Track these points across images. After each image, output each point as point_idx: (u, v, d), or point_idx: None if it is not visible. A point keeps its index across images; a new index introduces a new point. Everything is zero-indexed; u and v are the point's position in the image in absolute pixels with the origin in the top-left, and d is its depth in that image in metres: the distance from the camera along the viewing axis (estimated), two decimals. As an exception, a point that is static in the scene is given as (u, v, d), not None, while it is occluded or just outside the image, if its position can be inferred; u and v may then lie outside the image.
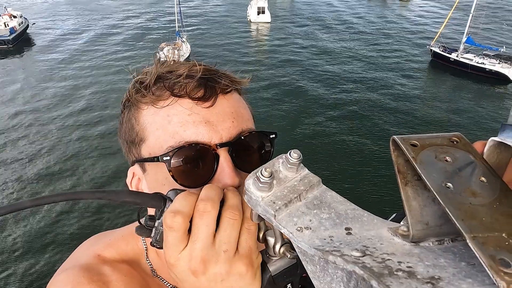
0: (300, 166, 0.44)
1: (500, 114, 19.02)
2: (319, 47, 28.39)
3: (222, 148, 0.59)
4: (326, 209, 0.40)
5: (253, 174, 0.43)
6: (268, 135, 0.65)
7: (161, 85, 0.62)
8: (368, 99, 20.34)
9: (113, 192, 0.46)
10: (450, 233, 0.33)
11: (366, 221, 0.38)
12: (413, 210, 0.33)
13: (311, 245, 0.35)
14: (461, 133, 0.36)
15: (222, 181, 0.57)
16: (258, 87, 21.40)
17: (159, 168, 0.60)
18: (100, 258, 0.68)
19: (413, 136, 0.35)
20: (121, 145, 0.69)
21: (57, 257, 10.95)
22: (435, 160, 0.33)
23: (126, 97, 0.67)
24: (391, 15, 37.37)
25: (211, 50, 28.08)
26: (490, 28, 32.03)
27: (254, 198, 0.42)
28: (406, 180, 0.34)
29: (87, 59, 26.07)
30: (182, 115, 0.60)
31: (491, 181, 0.32)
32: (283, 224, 0.39)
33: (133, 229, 0.73)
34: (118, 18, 35.39)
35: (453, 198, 0.30)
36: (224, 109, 0.62)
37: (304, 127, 17.48)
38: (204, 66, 0.65)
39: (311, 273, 0.37)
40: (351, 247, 0.33)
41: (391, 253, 0.32)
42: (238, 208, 0.47)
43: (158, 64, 0.65)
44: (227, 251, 0.45)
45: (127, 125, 0.66)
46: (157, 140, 0.60)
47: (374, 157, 15.14)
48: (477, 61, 23.11)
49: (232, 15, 37.09)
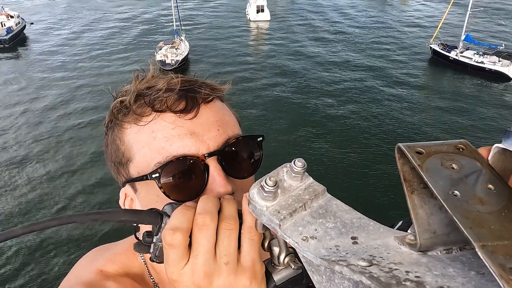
0: (305, 174, 0.44)
1: (499, 113, 19.00)
2: (318, 45, 28.35)
3: (211, 158, 0.59)
4: (331, 218, 0.40)
5: (258, 183, 0.42)
6: (256, 139, 0.65)
7: (141, 102, 0.61)
8: (368, 97, 20.32)
9: (108, 213, 0.46)
10: (458, 242, 0.33)
11: (372, 230, 0.38)
12: (420, 219, 0.33)
13: (317, 255, 0.35)
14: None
15: (215, 191, 0.57)
16: (257, 86, 21.39)
17: (150, 186, 0.60)
18: (103, 274, 0.67)
19: (419, 143, 0.34)
20: (109, 168, 0.68)
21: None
22: (441, 168, 0.32)
23: (108, 118, 0.67)
24: (391, 12, 37.33)
25: (210, 48, 28.04)
26: (489, 26, 32.02)
27: (259, 208, 0.42)
28: (412, 188, 0.34)
29: (84, 59, 26.04)
30: (166, 130, 0.59)
31: (499, 188, 0.32)
32: (288, 234, 0.39)
33: (133, 242, 0.73)
34: (115, 18, 35.31)
35: (461, 206, 0.29)
36: (208, 119, 0.61)
37: (303, 129, 17.42)
38: (182, 78, 0.64)
39: (317, 283, 0.36)
40: (358, 257, 0.33)
41: (398, 262, 0.31)
42: (233, 217, 0.47)
43: (136, 81, 0.65)
44: (228, 263, 0.45)
45: (112, 147, 0.65)
46: (144, 158, 0.60)
47: (377, 159, 15.06)
48: (476, 60, 23.08)
49: (231, 13, 37.03)
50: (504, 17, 34.21)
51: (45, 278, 10.79)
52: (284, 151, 14.66)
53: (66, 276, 0.70)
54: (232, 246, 0.45)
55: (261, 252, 0.48)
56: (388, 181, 13.48)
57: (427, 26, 31.87)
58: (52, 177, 14.75)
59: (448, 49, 24.64)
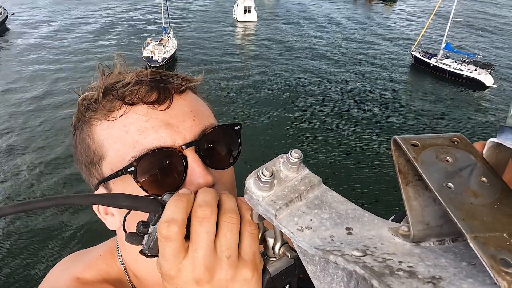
0: (301, 166, 0.44)
1: (474, 119, 19.82)
2: (304, 48, 28.63)
3: (188, 149, 0.57)
4: (327, 209, 0.40)
5: (254, 174, 0.42)
6: (233, 127, 0.63)
7: (110, 97, 0.59)
8: (349, 99, 20.70)
9: (109, 196, 0.43)
10: (451, 233, 0.33)
11: (367, 221, 0.38)
12: (414, 210, 0.33)
13: (311, 245, 0.35)
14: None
15: (195, 182, 0.55)
16: (244, 85, 21.38)
17: (126, 183, 0.57)
18: (80, 281, 0.64)
19: (414, 136, 0.35)
20: (80, 172, 0.65)
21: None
22: (436, 160, 0.33)
23: (75, 118, 0.64)
24: (376, 18, 38.23)
25: (197, 46, 27.79)
26: (468, 36, 33.35)
27: (255, 198, 0.42)
28: (407, 180, 0.34)
29: (68, 54, 25.19)
30: (139, 123, 0.57)
31: (492, 181, 0.32)
32: (284, 224, 0.39)
33: (110, 247, 0.70)
34: (103, 14, 34.40)
35: (454, 198, 0.30)
36: (182, 109, 0.59)
37: (289, 125, 17.57)
38: (152, 70, 0.63)
39: (312, 273, 0.36)
40: (352, 247, 0.33)
41: (392, 253, 0.32)
42: (235, 211, 0.46)
43: (103, 76, 0.62)
44: (230, 257, 0.44)
45: (81, 147, 0.62)
46: (117, 153, 0.57)
47: (359, 158, 15.40)
48: (455, 67, 23.95)
49: (219, 13, 36.86)
50: (482, 28, 35.77)
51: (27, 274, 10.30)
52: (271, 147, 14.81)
53: (39, 285, 0.66)
54: (234, 240, 0.44)
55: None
56: (366, 179, 13.82)
57: (409, 34, 32.83)
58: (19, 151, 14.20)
59: (428, 56, 25.46)
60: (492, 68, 23.53)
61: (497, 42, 32.71)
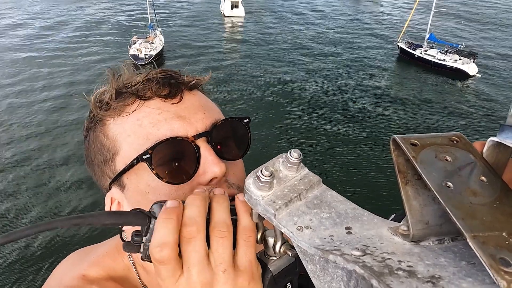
0: (300, 165, 0.44)
1: (458, 107, 20.20)
2: (291, 42, 28.61)
3: (201, 139, 0.58)
4: (326, 208, 0.40)
5: (253, 174, 0.42)
6: (242, 120, 0.65)
7: (123, 94, 0.61)
8: (338, 92, 20.84)
9: (91, 216, 0.41)
10: (450, 233, 0.33)
11: (366, 220, 0.38)
12: (413, 210, 0.33)
13: (311, 244, 0.35)
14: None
15: (210, 171, 0.56)
16: (233, 80, 21.24)
17: (140, 176, 0.57)
18: (86, 279, 0.64)
19: (413, 135, 0.35)
20: (92, 174, 0.65)
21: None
22: (435, 160, 0.33)
23: (87, 121, 0.65)
24: (363, 11, 38.41)
25: (184, 43, 27.43)
26: (451, 25, 33.89)
27: (254, 198, 0.41)
28: (406, 179, 0.34)
29: (55, 53, 24.49)
30: (152, 116, 0.58)
31: (492, 180, 0.32)
32: (283, 224, 0.39)
33: (116, 244, 0.69)
34: (87, 12, 33.52)
35: (454, 198, 0.30)
36: (193, 103, 0.62)
37: (279, 122, 17.57)
38: (161, 69, 0.64)
39: (311, 272, 0.36)
40: (351, 246, 0.33)
41: (391, 252, 0.32)
42: (225, 223, 0.44)
43: (113, 79, 0.63)
44: (225, 271, 0.43)
45: (95, 145, 0.62)
46: (131, 146, 0.58)
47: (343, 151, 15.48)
48: (439, 58, 24.30)
49: (207, 8, 36.40)
50: (463, 18, 36.37)
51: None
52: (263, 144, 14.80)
53: (46, 281, 0.66)
54: (227, 253, 0.44)
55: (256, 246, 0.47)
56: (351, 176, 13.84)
57: (398, 26, 33.15)
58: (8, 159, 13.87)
59: (413, 47, 25.78)
60: (475, 57, 24.00)
61: (480, 31, 33.35)
